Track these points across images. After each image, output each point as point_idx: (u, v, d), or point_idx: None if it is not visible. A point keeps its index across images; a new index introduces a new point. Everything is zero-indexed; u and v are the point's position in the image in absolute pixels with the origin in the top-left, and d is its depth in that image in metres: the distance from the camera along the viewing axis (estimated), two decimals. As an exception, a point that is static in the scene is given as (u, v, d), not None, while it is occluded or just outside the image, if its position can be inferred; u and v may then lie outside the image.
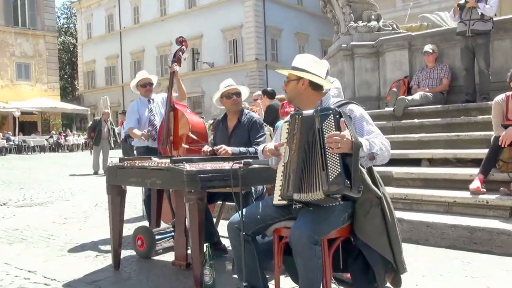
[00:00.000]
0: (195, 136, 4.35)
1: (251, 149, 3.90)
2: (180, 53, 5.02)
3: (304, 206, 2.46)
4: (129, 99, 36.74)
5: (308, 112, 2.49)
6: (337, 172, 2.28)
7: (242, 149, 3.91)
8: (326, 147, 2.31)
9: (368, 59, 7.87)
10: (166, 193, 4.25)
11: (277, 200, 2.58)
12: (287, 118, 2.65)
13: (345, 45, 7.95)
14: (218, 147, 3.85)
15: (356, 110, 2.60)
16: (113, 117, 35.41)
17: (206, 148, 3.99)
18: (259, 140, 3.96)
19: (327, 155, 2.32)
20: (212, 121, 14.17)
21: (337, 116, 2.37)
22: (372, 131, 2.54)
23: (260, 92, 9.03)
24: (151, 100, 5.22)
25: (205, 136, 4.57)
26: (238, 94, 4.06)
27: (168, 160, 3.32)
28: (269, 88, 8.67)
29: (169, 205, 4.32)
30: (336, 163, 2.29)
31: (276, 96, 8.30)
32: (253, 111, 5.04)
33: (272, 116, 7.52)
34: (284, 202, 2.55)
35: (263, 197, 3.84)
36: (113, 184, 3.69)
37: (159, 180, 3.19)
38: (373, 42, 7.79)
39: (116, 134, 13.36)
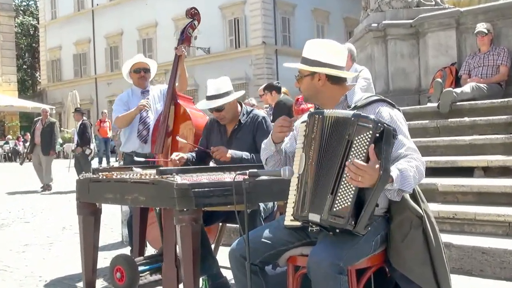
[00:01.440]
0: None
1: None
2: (191, 30, 4.96)
3: (323, 229, 2.46)
4: (104, 95, 36.97)
5: (339, 112, 2.48)
6: (345, 204, 2.31)
7: (245, 154, 3.92)
8: (346, 171, 2.32)
9: (405, 41, 7.87)
10: (156, 213, 4.25)
11: (289, 220, 2.58)
12: (305, 117, 2.66)
13: (376, 25, 7.94)
14: (215, 148, 3.86)
15: (386, 112, 2.60)
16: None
17: (175, 155, 4.02)
18: None
19: (342, 179, 2.34)
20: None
21: (377, 135, 2.32)
22: (403, 144, 2.53)
23: (262, 88, 9.03)
24: (145, 92, 5.14)
25: None
26: (219, 109, 4.03)
27: (154, 171, 3.33)
28: (274, 82, 8.68)
29: (159, 228, 4.31)
30: (349, 193, 2.32)
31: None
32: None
33: (282, 114, 7.53)
34: (298, 223, 2.55)
35: (273, 216, 3.84)
36: (85, 201, 3.70)
37: (143, 196, 3.20)
38: (411, 21, 7.79)
39: (56, 138, 12.99)
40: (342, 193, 2.32)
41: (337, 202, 2.33)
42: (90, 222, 3.72)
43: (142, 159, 4.49)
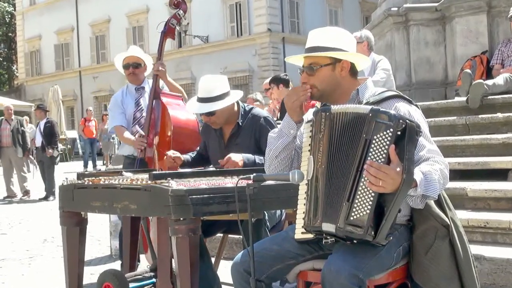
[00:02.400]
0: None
1: None
2: (175, 21, 4.94)
3: (339, 240, 2.47)
4: (90, 90, 37.05)
5: (351, 108, 2.47)
6: (363, 212, 2.31)
7: (258, 158, 3.88)
8: (364, 175, 2.31)
9: (430, 27, 7.86)
10: (143, 222, 4.27)
11: (300, 233, 2.58)
12: (310, 115, 2.65)
13: (396, 9, 7.94)
14: (224, 160, 3.82)
15: (404, 109, 2.58)
16: (67, 115, 35.66)
17: (172, 152, 4.06)
18: None
19: (360, 184, 2.33)
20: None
21: (399, 133, 2.31)
22: (423, 145, 2.52)
23: (267, 82, 9.01)
24: (140, 89, 5.17)
25: (196, 140, 4.60)
26: (209, 114, 3.99)
27: (146, 176, 3.34)
28: (282, 74, 8.63)
29: (148, 242, 4.33)
30: (368, 199, 2.31)
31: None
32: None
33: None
34: (310, 235, 2.55)
35: (281, 226, 3.85)
36: (69, 210, 3.70)
37: (134, 204, 3.20)
38: (436, 4, 7.78)
39: (27, 139, 12.94)
40: (360, 199, 2.32)
41: (354, 210, 2.32)
42: (75, 234, 3.73)
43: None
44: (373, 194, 2.31)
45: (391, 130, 2.31)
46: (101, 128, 20.05)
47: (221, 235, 4.37)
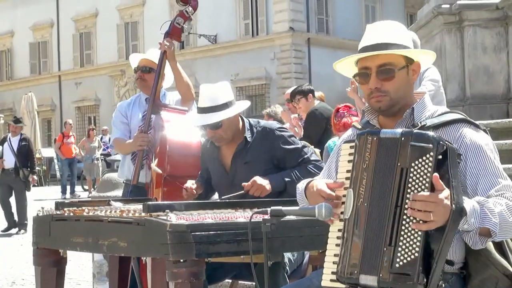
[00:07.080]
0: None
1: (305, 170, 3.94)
2: (181, 19, 5.02)
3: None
4: (71, 99, 37.21)
5: (392, 132, 2.44)
6: (412, 256, 2.27)
7: (286, 176, 3.93)
8: (406, 212, 2.27)
9: (489, 29, 7.85)
10: (133, 263, 4.28)
11: (328, 280, 2.57)
12: (347, 135, 2.64)
13: (448, 6, 7.94)
14: (249, 184, 3.87)
15: (470, 136, 2.57)
16: (43, 129, 35.81)
17: (190, 183, 4.13)
18: (305, 157, 3.99)
19: (402, 223, 2.29)
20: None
21: (440, 157, 2.30)
22: (496, 182, 2.48)
23: (290, 92, 8.97)
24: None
25: (196, 165, 4.64)
26: (215, 127, 4.01)
27: (139, 207, 3.35)
28: (305, 86, 8.52)
29: (138, 285, 4.34)
30: (414, 239, 2.28)
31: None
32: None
33: (317, 128, 7.52)
34: (341, 286, 2.53)
35: (303, 271, 3.85)
36: (45, 247, 3.72)
37: (124, 242, 3.21)
38: (497, 1, 7.78)
39: None
40: (405, 241, 2.28)
41: (399, 254, 2.28)
42: (51, 276, 3.74)
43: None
44: (420, 233, 2.28)
45: (431, 154, 2.29)
46: (85, 146, 19.98)
47: (230, 281, 4.37)
